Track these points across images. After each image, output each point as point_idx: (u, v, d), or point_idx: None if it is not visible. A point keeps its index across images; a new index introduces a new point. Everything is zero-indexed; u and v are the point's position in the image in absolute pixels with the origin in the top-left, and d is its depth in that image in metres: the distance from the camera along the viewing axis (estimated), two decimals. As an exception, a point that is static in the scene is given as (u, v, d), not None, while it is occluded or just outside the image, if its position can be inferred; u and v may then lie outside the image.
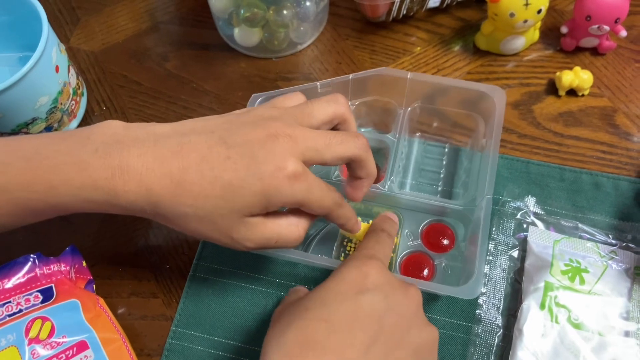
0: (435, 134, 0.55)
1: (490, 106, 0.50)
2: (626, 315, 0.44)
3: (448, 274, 0.48)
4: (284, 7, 0.56)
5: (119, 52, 0.63)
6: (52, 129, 0.54)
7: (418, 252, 0.49)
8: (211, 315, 0.48)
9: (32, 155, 0.38)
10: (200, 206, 0.37)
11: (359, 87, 0.49)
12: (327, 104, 0.42)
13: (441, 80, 0.51)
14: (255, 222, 0.39)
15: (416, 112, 0.53)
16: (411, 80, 0.50)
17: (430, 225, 0.50)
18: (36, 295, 0.41)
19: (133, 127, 0.39)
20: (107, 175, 0.37)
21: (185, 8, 0.66)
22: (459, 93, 0.51)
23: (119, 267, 0.50)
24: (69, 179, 0.37)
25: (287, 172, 0.37)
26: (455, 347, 0.46)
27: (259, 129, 0.38)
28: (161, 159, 0.37)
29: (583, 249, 0.47)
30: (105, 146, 0.38)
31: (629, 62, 0.58)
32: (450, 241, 0.49)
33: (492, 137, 0.48)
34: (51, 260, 0.42)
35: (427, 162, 0.54)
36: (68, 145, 0.38)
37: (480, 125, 0.52)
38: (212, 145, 0.38)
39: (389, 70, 0.50)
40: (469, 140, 0.54)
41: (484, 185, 0.46)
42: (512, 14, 0.54)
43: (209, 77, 0.61)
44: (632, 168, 0.52)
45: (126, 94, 0.60)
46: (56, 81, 0.52)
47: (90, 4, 0.67)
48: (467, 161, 0.53)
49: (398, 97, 0.52)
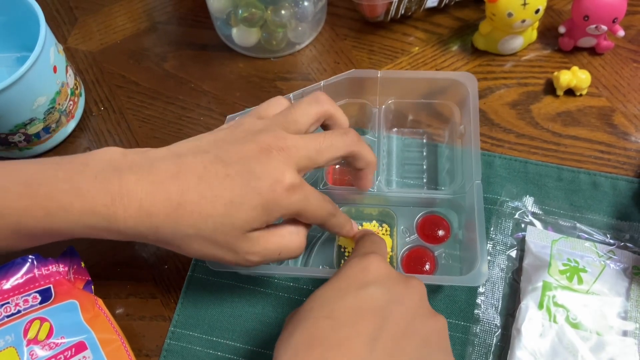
0: (412, 127, 0.55)
1: (463, 93, 0.50)
2: (624, 315, 0.44)
3: (450, 264, 0.48)
4: (282, 7, 0.56)
5: (117, 52, 0.63)
6: (50, 129, 0.54)
7: (417, 246, 0.49)
8: (210, 315, 0.48)
9: (30, 181, 0.38)
10: (201, 226, 0.38)
11: (332, 92, 0.49)
12: (309, 106, 0.42)
13: (411, 74, 0.51)
14: (257, 236, 0.39)
15: (391, 108, 0.53)
16: (382, 79, 0.50)
17: (423, 218, 0.50)
18: (34, 296, 0.41)
19: (130, 153, 0.40)
20: (106, 202, 0.37)
21: (183, 8, 0.66)
22: (430, 84, 0.51)
23: (117, 267, 0.50)
24: (68, 205, 0.37)
25: (284, 185, 0.38)
26: (453, 347, 0.45)
27: (252, 144, 0.39)
28: (159, 182, 0.38)
29: (581, 249, 0.47)
30: (104, 172, 0.38)
31: (626, 61, 0.59)
32: (446, 231, 0.49)
33: (470, 122, 0.48)
34: (49, 261, 0.42)
35: (409, 156, 0.54)
36: (66, 171, 0.38)
37: (456, 112, 0.52)
38: (208, 165, 0.38)
39: (358, 72, 0.50)
40: (446, 128, 0.54)
41: (470, 171, 0.47)
42: (510, 13, 0.54)
43: (207, 77, 0.61)
44: (630, 168, 0.52)
45: (124, 94, 0.60)
46: (54, 81, 0.52)
47: (88, 3, 0.67)
48: (448, 150, 0.53)
49: (371, 96, 0.52)
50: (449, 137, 0.53)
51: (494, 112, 0.56)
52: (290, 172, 0.38)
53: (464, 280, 0.43)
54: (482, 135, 0.55)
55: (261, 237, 0.40)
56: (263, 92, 0.59)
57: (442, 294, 0.48)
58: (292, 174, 0.38)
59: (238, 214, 0.38)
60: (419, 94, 0.52)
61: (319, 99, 0.42)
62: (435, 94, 0.52)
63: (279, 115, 0.42)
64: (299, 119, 0.41)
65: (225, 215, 0.38)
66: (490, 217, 0.50)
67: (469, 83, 0.49)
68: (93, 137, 0.58)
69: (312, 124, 0.42)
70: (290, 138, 0.40)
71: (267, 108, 0.43)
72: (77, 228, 0.38)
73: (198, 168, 0.38)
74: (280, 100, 0.44)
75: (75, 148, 0.57)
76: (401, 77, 0.51)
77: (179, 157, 0.39)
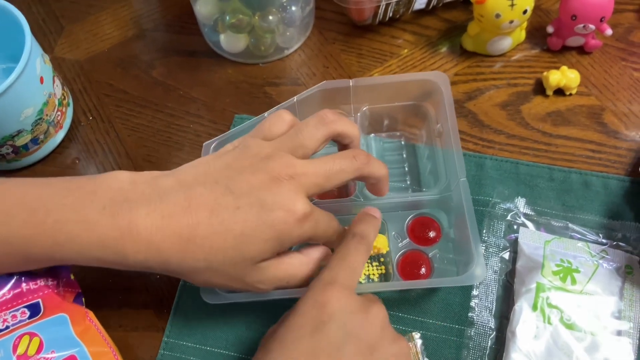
0: (389, 131, 0.55)
1: (436, 92, 0.50)
2: (618, 315, 0.44)
3: (445, 264, 0.48)
4: (269, 12, 0.56)
5: (104, 60, 0.63)
6: (39, 140, 0.54)
7: (410, 250, 0.49)
8: (203, 325, 0.48)
9: (37, 207, 0.38)
10: (212, 259, 0.38)
11: (306, 106, 0.49)
12: (316, 129, 0.41)
13: (383, 79, 0.51)
14: (267, 265, 0.39)
15: (366, 114, 0.53)
16: (354, 87, 0.50)
17: (413, 220, 0.50)
18: (23, 311, 0.40)
19: (139, 181, 0.39)
20: (115, 236, 0.37)
21: (170, 15, 0.65)
22: (403, 87, 0.51)
23: (108, 278, 0.50)
24: (75, 237, 0.37)
25: (297, 216, 0.38)
26: (448, 351, 0.45)
27: (261, 173, 0.38)
28: (169, 216, 0.37)
29: (574, 249, 0.47)
30: (113, 203, 0.37)
31: (615, 60, 0.59)
32: (436, 231, 0.49)
33: (447, 120, 0.48)
34: (38, 276, 0.42)
35: (389, 160, 0.54)
36: (74, 199, 0.38)
37: (431, 112, 0.52)
38: (219, 197, 0.38)
39: (330, 83, 0.50)
40: (422, 128, 0.54)
41: (453, 169, 0.47)
42: (498, 14, 0.54)
43: (196, 84, 0.60)
44: (621, 166, 0.52)
45: (112, 103, 0.60)
46: (41, 92, 0.51)
47: (74, 12, 0.66)
48: (428, 150, 0.53)
49: (345, 105, 0.52)
50: (426, 137, 0.54)
51: (484, 113, 0.56)
52: (301, 201, 0.38)
53: (460, 281, 0.43)
54: (473, 136, 0.55)
55: (271, 266, 0.39)
56: (252, 97, 0.59)
57: (436, 297, 0.47)
58: (303, 203, 0.38)
59: (250, 246, 0.38)
60: (392, 97, 0.52)
61: (325, 120, 0.42)
62: (408, 96, 0.52)
63: (286, 138, 0.41)
64: (307, 143, 0.41)
65: (236, 248, 0.37)
66: (483, 219, 0.50)
67: (441, 81, 0.49)
68: (82, 147, 0.57)
69: (320, 146, 0.42)
70: (299, 165, 0.39)
71: (271, 127, 0.42)
72: (84, 258, 0.38)
73: (209, 201, 0.38)
74: (283, 116, 0.43)
75: (64, 158, 0.57)
76: (373, 84, 0.51)
77: (189, 188, 0.38)
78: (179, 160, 0.56)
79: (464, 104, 0.57)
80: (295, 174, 0.39)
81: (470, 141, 0.55)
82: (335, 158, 0.41)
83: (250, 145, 0.41)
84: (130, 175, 0.39)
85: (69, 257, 0.38)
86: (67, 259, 0.38)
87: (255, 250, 0.38)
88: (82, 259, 0.38)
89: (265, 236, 0.37)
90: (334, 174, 0.40)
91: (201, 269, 0.38)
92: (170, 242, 0.37)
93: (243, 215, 0.37)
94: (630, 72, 0.58)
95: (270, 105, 0.56)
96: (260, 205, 0.37)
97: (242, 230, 0.37)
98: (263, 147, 0.40)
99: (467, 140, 0.55)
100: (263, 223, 0.37)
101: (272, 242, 0.38)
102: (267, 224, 0.37)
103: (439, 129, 0.50)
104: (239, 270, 0.38)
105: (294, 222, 0.38)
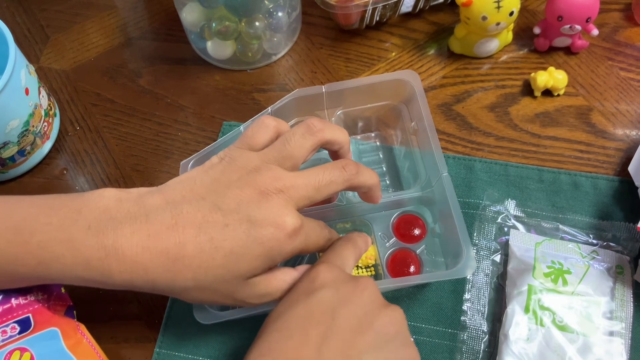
0: (364, 132, 0.56)
1: (408, 90, 0.51)
2: (610, 315, 0.44)
3: (433, 259, 0.48)
4: (255, 18, 0.56)
5: (91, 69, 0.62)
6: (25, 152, 0.53)
7: (398, 249, 0.49)
8: (195, 335, 0.47)
9: (22, 227, 0.37)
10: (200, 278, 0.37)
11: (280, 115, 0.49)
12: (304, 139, 0.40)
13: (355, 82, 0.51)
14: (258, 281, 0.39)
15: (341, 118, 0.53)
16: (327, 92, 0.50)
17: (397, 219, 0.51)
18: (13, 326, 0.40)
19: (125, 199, 0.38)
20: (100, 255, 0.36)
21: (156, 22, 0.65)
22: (375, 88, 0.51)
23: (99, 290, 0.49)
24: (60, 257, 0.36)
25: (287, 232, 0.37)
26: (441, 355, 0.45)
27: (249, 187, 0.38)
28: (156, 235, 0.36)
29: (565, 250, 0.47)
30: (98, 222, 0.37)
31: (602, 60, 0.59)
32: (421, 228, 0.50)
33: (422, 118, 0.48)
34: (27, 290, 0.41)
35: (367, 162, 0.54)
36: (59, 218, 0.37)
37: (404, 111, 0.53)
38: (206, 214, 0.37)
39: (303, 91, 0.50)
40: (397, 127, 0.54)
41: (433, 165, 0.47)
42: (484, 17, 0.54)
43: (184, 92, 0.60)
44: (610, 166, 0.53)
45: (100, 113, 0.59)
46: (26, 104, 0.51)
47: (60, 21, 0.66)
48: (404, 147, 0.53)
49: (320, 111, 0.52)
50: (402, 136, 0.54)
51: (473, 115, 0.56)
52: (290, 216, 0.37)
53: (451, 274, 0.43)
54: (462, 139, 0.55)
55: (262, 282, 0.39)
56: (240, 104, 0.59)
57: (428, 301, 0.47)
58: (292, 217, 0.37)
59: (239, 264, 0.37)
60: (366, 99, 0.52)
61: (313, 129, 0.41)
62: (381, 97, 0.52)
63: (274, 149, 0.40)
64: (295, 154, 0.40)
65: (226, 266, 0.37)
66: (473, 222, 0.50)
67: (412, 79, 0.50)
68: (70, 157, 0.57)
69: (309, 155, 0.41)
70: (287, 177, 0.38)
71: (255, 135, 0.41)
72: (69, 278, 0.37)
73: (196, 218, 0.37)
74: (266, 123, 0.42)
75: (52, 169, 0.56)
76: (346, 87, 0.50)
77: (175, 206, 0.37)
78: (168, 169, 0.55)
79: (452, 106, 0.57)
80: (284, 188, 0.38)
81: (459, 144, 0.55)
82: (325, 169, 0.40)
83: (236, 158, 0.40)
84: (117, 192, 0.39)
85: (56, 276, 0.37)
86: (53, 278, 0.38)
87: (245, 268, 0.37)
88: (68, 278, 0.37)
89: (255, 253, 0.37)
90: (324, 185, 0.39)
91: (190, 288, 0.38)
92: (157, 261, 0.36)
93: (232, 233, 0.37)
94: (617, 71, 0.58)
95: (258, 111, 0.55)
96: (249, 222, 0.37)
97: (231, 248, 0.36)
98: (250, 159, 0.40)
99: (456, 143, 0.55)
100: (253, 240, 0.37)
101: (263, 259, 0.37)
102: (257, 241, 0.37)
103: (414, 126, 0.51)
104: (229, 287, 0.38)
105: (284, 238, 0.37)
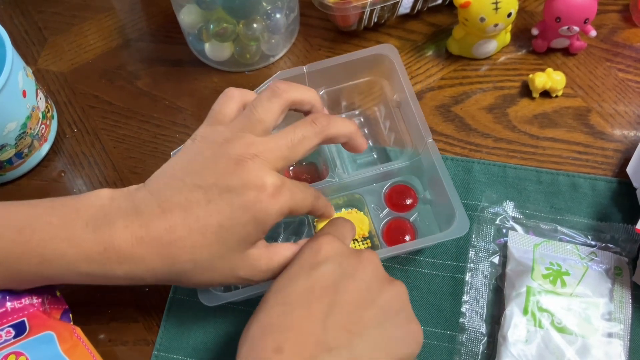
0: (348, 110, 0.56)
1: (387, 65, 0.51)
2: (608, 317, 0.44)
3: (427, 225, 0.50)
4: (254, 20, 0.56)
5: (88, 71, 0.62)
6: (23, 154, 0.53)
7: (391, 219, 0.50)
8: (193, 337, 0.47)
9: (24, 226, 0.38)
10: (197, 258, 0.38)
11: None
12: (270, 102, 0.40)
13: (335, 60, 0.51)
14: (259, 256, 0.39)
15: (324, 98, 0.53)
16: (309, 73, 0.50)
17: (389, 190, 0.52)
18: (8, 330, 0.40)
19: (117, 197, 0.39)
20: (99, 250, 0.37)
21: (154, 24, 0.65)
22: (355, 65, 0.51)
23: (97, 293, 0.49)
24: (62, 254, 0.37)
25: (268, 192, 0.37)
26: (440, 357, 0.45)
27: (223, 160, 0.38)
28: (146, 225, 0.37)
29: (563, 252, 0.47)
30: (95, 220, 0.38)
31: (600, 61, 0.59)
32: (413, 197, 0.51)
33: (403, 90, 0.49)
34: (23, 294, 0.41)
35: None
36: (59, 217, 0.38)
37: (386, 85, 0.53)
38: (188, 195, 0.37)
39: (285, 73, 0.50)
40: (380, 101, 0.55)
41: (418, 134, 0.48)
42: (483, 18, 0.54)
43: (182, 94, 0.60)
44: (608, 167, 0.53)
45: (98, 115, 0.59)
46: (24, 106, 0.51)
47: (57, 23, 0.66)
48: (388, 121, 0.54)
49: None
50: (385, 110, 0.55)
51: (471, 117, 0.56)
52: (269, 176, 0.37)
53: (446, 235, 0.44)
54: (460, 140, 0.55)
55: (263, 257, 0.39)
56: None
57: (427, 303, 0.47)
58: (272, 177, 0.38)
59: (231, 236, 0.37)
60: (347, 77, 0.53)
61: (277, 91, 0.41)
62: (362, 73, 0.53)
63: (242, 118, 0.40)
64: (264, 118, 0.40)
65: (219, 241, 0.37)
66: (472, 224, 0.49)
67: (391, 53, 0.50)
68: (68, 159, 0.57)
69: (279, 118, 0.41)
70: (259, 142, 0.38)
71: (221, 109, 0.41)
72: (72, 275, 0.38)
73: (180, 202, 0.37)
74: (229, 94, 0.42)
75: (50, 172, 0.56)
76: (327, 66, 0.50)
77: (160, 194, 0.38)
78: (166, 171, 0.55)
79: (451, 107, 0.57)
80: (257, 152, 0.38)
81: (457, 145, 0.55)
82: (296, 127, 0.40)
83: (207, 135, 0.40)
84: (111, 192, 0.40)
85: (58, 274, 0.38)
86: (56, 276, 0.38)
87: (238, 239, 0.37)
88: (71, 275, 0.38)
89: (243, 220, 0.37)
90: (297, 143, 0.39)
91: (189, 270, 0.38)
92: (153, 249, 0.37)
93: (216, 207, 0.37)
94: (615, 72, 0.58)
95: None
96: (229, 192, 0.37)
97: (218, 222, 0.37)
98: (220, 132, 0.39)
99: (455, 145, 0.55)
100: (237, 208, 0.37)
101: (252, 225, 0.37)
102: (242, 208, 0.37)
103: (396, 99, 0.51)
104: (228, 263, 0.38)
105: (267, 199, 0.37)
